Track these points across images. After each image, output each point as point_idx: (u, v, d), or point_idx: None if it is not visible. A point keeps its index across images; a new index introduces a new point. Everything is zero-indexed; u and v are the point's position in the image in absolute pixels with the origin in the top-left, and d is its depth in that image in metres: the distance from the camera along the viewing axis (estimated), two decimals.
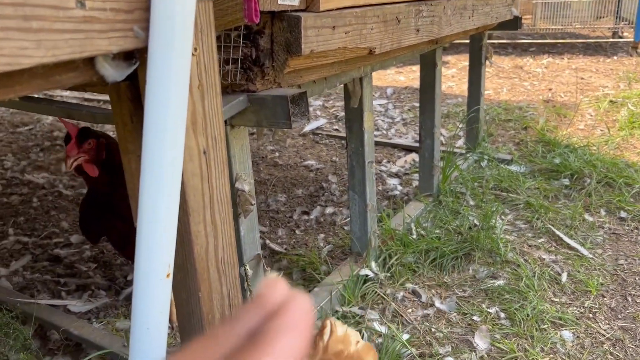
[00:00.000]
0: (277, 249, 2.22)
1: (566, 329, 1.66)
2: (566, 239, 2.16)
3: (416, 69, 5.53)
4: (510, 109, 4.02)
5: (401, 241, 2.08)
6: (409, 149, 3.34)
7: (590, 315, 1.74)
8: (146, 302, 0.77)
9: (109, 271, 2.10)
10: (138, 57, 0.76)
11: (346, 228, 2.35)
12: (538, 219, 2.32)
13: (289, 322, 0.30)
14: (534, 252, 2.08)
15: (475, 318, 1.73)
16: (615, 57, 5.64)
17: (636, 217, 2.33)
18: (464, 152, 3.06)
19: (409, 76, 5.44)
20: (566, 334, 1.65)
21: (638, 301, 1.80)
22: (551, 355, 1.56)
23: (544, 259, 2.03)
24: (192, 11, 0.73)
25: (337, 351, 0.75)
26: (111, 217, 1.64)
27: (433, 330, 1.68)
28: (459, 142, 3.34)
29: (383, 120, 3.98)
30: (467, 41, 3.01)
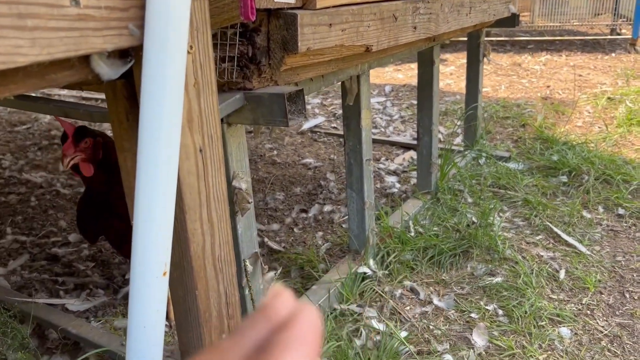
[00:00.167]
0: (276, 247, 2.22)
1: (564, 326, 1.67)
2: (564, 236, 2.16)
3: (414, 66, 5.52)
4: (509, 106, 4.02)
5: (399, 239, 2.08)
6: (407, 147, 3.33)
7: (588, 312, 1.74)
8: (143, 300, 0.77)
9: (107, 270, 2.10)
10: (133, 55, 0.76)
11: (344, 226, 2.35)
12: (536, 216, 2.32)
13: (297, 335, 0.30)
14: (531, 249, 2.08)
15: (473, 315, 1.73)
16: (614, 54, 5.64)
17: (634, 213, 2.33)
18: (462, 149, 3.06)
19: (407, 74, 5.43)
20: (564, 330, 1.65)
21: (636, 297, 1.81)
22: (549, 352, 1.57)
23: (541, 256, 2.04)
24: (187, 9, 0.73)
25: None
26: (108, 216, 1.64)
27: (431, 327, 1.69)
28: (457, 140, 3.34)
29: (381, 118, 3.98)
30: (465, 38, 3.01)
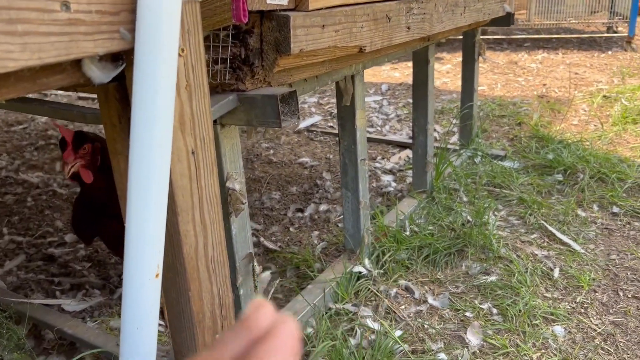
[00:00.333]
0: (271, 246, 2.22)
1: (558, 324, 1.68)
2: (559, 235, 2.17)
3: (411, 65, 5.52)
4: (505, 104, 4.03)
5: (394, 238, 2.09)
6: (403, 146, 3.34)
7: (582, 310, 1.75)
8: (136, 302, 0.78)
9: (103, 270, 2.10)
10: (125, 58, 0.77)
11: (340, 225, 2.36)
12: (531, 214, 2.33)
13: (277, 346, 0.31)
14: (526, 248, 2.09)
15: (467, 314, 1.74)
16: (610, 52, 5.65)
17: (628, 212, 2.34)
18: (457, 148, 3.06)
19: (404, 72, 5.44)
20: (558, 329, 1.66)
21: (629, 296, 1.82)
22: (543, 351, 1.57)
23: (536, 254, 2.05)
24: (178, 12, 0.73)
25: None
26: (104, 218, 1.65)
27: (426, 326, 1.69)
28: (453, 139, 3.35)
29: (377, 117, 3.99)
30: (461, 37, 3.02)
